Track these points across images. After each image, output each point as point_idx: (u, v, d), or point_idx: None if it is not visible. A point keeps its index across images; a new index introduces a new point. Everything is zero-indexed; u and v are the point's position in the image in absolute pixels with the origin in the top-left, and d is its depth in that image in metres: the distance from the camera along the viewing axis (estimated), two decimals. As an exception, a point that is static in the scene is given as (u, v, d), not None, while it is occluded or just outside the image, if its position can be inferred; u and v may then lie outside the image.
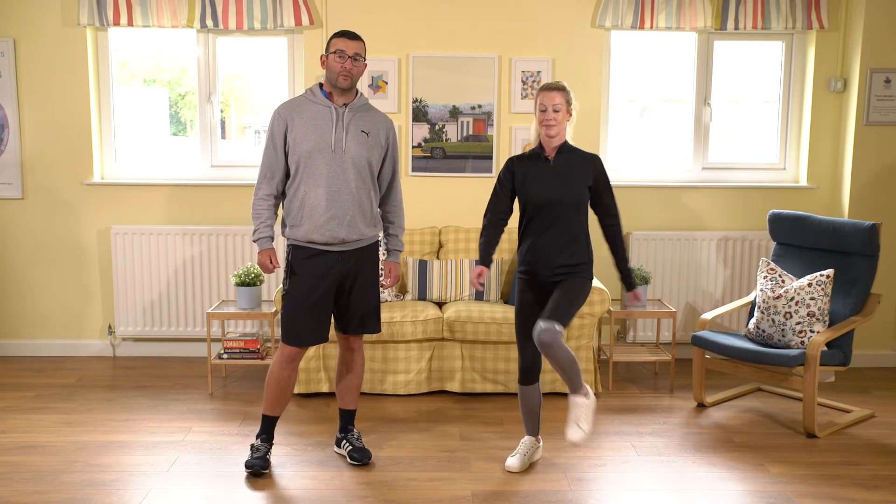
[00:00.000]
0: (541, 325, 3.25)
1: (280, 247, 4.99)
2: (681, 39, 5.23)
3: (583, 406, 3.32)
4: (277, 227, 4.75)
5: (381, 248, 4.01)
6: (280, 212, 3.53)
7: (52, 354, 5.25)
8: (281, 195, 3.48)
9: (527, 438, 3.65)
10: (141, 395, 4.54)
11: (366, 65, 3.40)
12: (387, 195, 3.61)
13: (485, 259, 3.44)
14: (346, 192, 3.36)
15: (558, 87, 3.37)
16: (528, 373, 3.53)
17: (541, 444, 3.69)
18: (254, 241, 3.47)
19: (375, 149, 3.45)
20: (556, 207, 3.36)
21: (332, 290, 3.45)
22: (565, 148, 3.43)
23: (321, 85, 3.45)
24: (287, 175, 3.43)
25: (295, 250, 3.42)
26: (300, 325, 3.42)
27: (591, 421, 3.33)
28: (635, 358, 4.75)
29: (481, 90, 5.06)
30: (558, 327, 3.24)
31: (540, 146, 3.45)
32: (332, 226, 3.35)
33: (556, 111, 3.35)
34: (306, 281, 3.40)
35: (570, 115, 3.42)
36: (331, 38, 3.39)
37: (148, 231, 5.10)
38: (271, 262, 3.46)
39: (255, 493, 3.35)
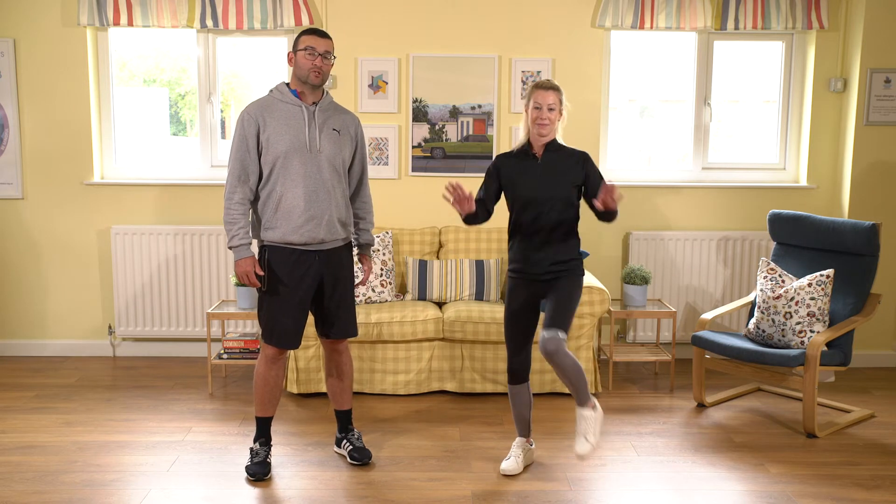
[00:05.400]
0: (544, 334, 3.26)
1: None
2: (681, 39, 5.23)
3: (590, 419, 3.33)
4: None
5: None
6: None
7: (52, 354, 5.25)
8: (255, 198, 3.42)
9: (518, 440, 3.65)
10: (141, 395, 4.53)
11: (332, 64, 3.38)
12: (357, 191, 3.61)
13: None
14: (324, 191, 3.35)
15: (553, 87, 3.37)
16: (516, 373, 3.53)
17: (532, 445, 3.68)
18: (231, 249, 3.38)
19: (347, 146, 3.46)
20: (545, 205, 3.36)
21: (312, 292, 3.44)
22: (553, 146, 3.42)
23: (287, 84, 3.41)
24: (259, 177, 3.38)
25: (272, 251, 3.38)
26: (282, 327, 3.40)
27: (598, 434, 3.34)
28: (635, 358, 4.75)
29: (481, 90, 5.06)
30: (561, 335, 3.24)
31: (528, 143, 3.44)
32: (310, 227, 3.34)
33: (550, 111, 3.34)
34: (286, 282, 3.37)
35: (562, 114, 3.42)
36: (299, 36, 3.35)
37: (147, 231, 5.10)
38: (256, 272, 3.37)
39: (255, 493, 3.35)
